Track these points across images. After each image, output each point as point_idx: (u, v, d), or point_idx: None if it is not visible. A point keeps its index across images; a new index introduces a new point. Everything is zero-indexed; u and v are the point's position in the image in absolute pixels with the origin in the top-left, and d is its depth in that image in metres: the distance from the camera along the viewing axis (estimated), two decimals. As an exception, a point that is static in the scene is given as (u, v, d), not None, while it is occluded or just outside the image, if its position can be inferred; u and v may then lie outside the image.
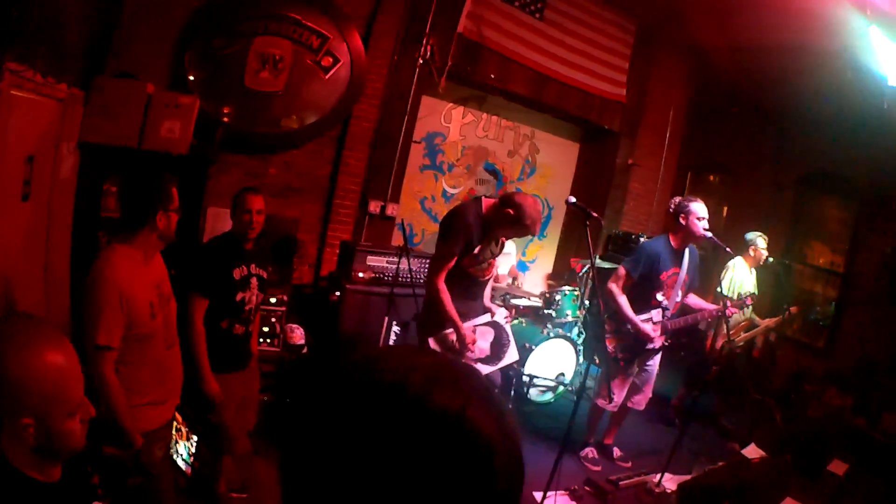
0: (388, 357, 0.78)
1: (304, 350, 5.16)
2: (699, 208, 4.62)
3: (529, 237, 5.82)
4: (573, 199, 4.02)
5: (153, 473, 2.67)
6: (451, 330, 4.09)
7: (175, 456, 2.90)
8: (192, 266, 3.46)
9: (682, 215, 4.65)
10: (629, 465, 5.04)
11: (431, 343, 4.14)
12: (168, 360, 2.83)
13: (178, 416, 2.89)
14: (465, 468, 0.69)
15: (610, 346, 4.75)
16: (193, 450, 2.85)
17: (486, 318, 4.32)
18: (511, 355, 4.37)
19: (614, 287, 4.71)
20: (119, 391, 2.49)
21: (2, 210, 3.27)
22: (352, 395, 0.74)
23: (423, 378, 0.72)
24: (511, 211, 3.98)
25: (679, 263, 4.71)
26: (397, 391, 0.71)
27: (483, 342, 4.25)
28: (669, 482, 4.48)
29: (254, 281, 3.63)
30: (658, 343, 4.71)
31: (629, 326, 4.67)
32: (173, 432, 2.89)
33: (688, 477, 4.15)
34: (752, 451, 4.72)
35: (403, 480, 0.68)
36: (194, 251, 3.83)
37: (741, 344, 6.13)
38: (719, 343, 5.90)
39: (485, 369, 4.25)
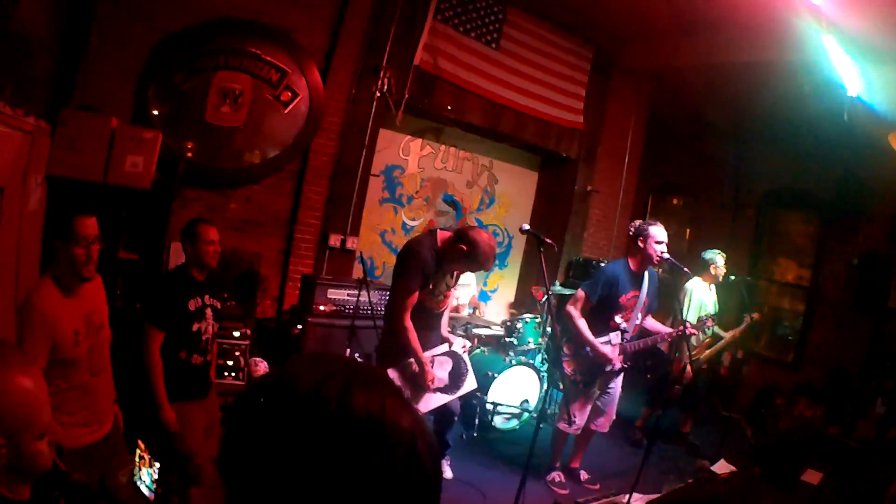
0: (301, 368, 0.82)
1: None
2: (658, 232, 4.66)
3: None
4: (527, 227, 4.07)
5: (119, 499, 2.73)
6: (411, 360, 4.11)
7: (139, 482, 3.01)
8: (148, 299, 3.54)
9: (641, 238, 4.68)
10: (597, 487, 5.02)
11: (391, 373, 4.14)
12: (94, 386, 2.95)
13: (140, 443, 2.97)
14: (396, 461, 0.75)
15: (568, 369, 4.77)
16: (156, 476, 2.94)
17: (444, 347, 4.35)
18: (469, 384, 4.38)
19: (573, 310, 4.72)
20: None
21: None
22: (275, 410, 0.77)
23: (340, 385, 0.76)
24: (464, 247, 4.02)
25: (639, 286, 4.75)
26: (318, 402, 0.75)
27: (441, 372, 4.26)
28: (638, 502, 4.47)
29: (208, 311, 3.67)
30: (617, 365, 4.73)
31: (588, 349, 4.69)
32: (136, 459, 2.99)
33: (657, 496, 4.14)
34: (721, 467, 4.72)
35: (342, 485, 0.72)
36: (150, 285, 3.86)
37: (706, 361, 6.17)
38: (684, 363, 5.94)
39: (443, 398, 4.27)
